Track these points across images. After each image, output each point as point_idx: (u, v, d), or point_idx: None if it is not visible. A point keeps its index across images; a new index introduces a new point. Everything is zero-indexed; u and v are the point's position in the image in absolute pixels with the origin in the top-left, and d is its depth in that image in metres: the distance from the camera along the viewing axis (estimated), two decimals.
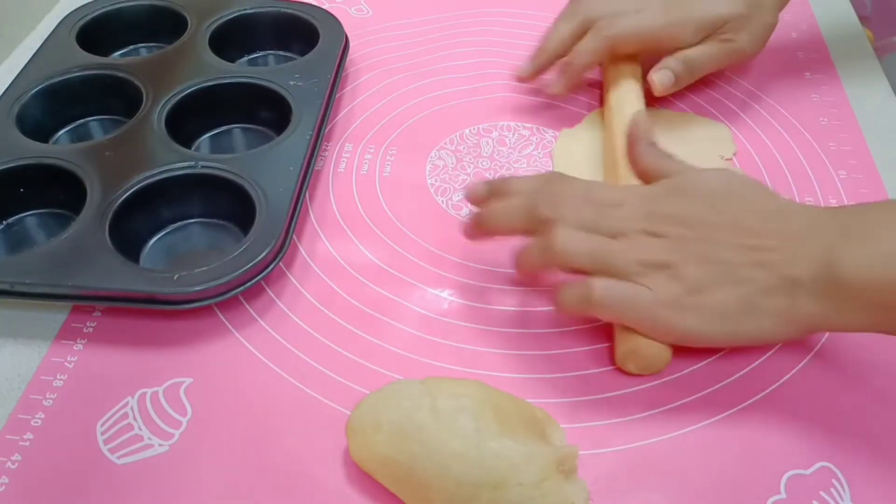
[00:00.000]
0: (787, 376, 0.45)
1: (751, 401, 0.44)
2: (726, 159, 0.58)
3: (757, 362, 0.46)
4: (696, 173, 0.46)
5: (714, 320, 0.42)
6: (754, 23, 0.59)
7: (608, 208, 0.45)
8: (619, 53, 0.60)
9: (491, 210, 0.48)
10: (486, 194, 0.48)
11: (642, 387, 0.45)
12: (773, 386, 0.45)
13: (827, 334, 0.47)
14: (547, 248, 0.44)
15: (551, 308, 0.48)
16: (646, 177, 0.48)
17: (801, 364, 0.45)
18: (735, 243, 0.42)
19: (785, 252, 0.41)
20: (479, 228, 0.49)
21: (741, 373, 0.45)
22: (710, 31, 0.58)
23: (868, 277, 0.39)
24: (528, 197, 0.46)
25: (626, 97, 0.58)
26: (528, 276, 0.50)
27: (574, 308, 0.44)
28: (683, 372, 0.45)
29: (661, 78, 0.59)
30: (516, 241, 0.47)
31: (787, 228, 0.42)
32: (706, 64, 0.60)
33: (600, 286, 0.43)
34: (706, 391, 0.44)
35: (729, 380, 0.45)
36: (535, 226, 0.46)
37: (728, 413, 0.43)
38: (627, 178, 0.50)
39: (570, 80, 0.60)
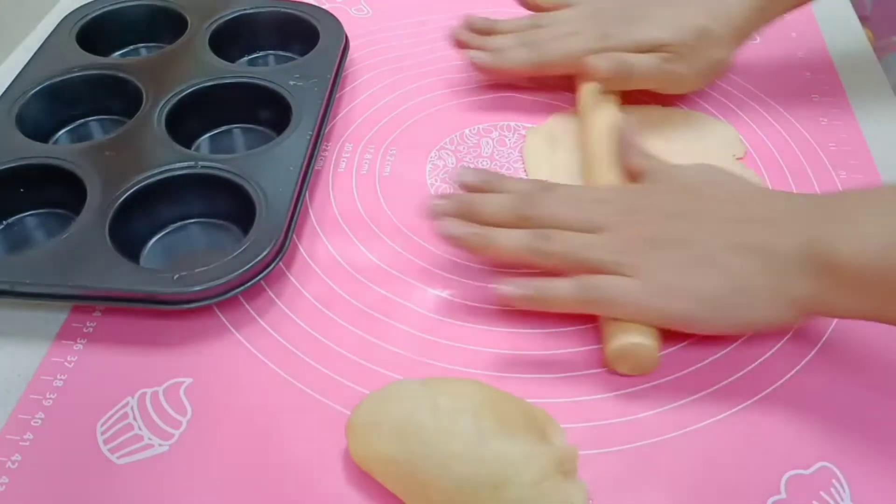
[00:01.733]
0: (787, 376, 0.45)
1: (751, 401, 0.44)
2: (738, 158, 0.58)
3: (757, 362, 0.45)
4: (677, 168, 0.49)
5: (707, 304, 0.43)
6: (698, 54, 0.57)
7: (593, 204, 0.47)
8: (550, 74, 0.61)
9: (483, 198, 0.49)
10: (480, 184, 0.50)
11: (642, 387, 0.45)
12: (773, 386, 0.45)
13: (827, 333, 0.47)
14: (541, 244, 0.45)
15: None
16: (632, 176, 0.50)
17: (801, 364, 0.45)
18: (718, 229, 0.44)
19: (768, 234, 0.43)
20: (459, 210, 0.48)
21: (741, 373, 0.45)
22: (647, 50, 0.57)
23: (858, 261, 0.39)
24: (520, 195, 0.48)
25: (600, 100, 0.58)
26: (487, 255, 0.49)
27: (562, 305, 0.45)
28: (683, 372, 0.45)
29: (598, 61, 0.57)
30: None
31: (768, 213, 0.44)
32: (642, 71, 0.57)
33: (587, 283, 0.44)
34: (706, 391, 0.44)
35: (729, 380, 0.45)
36: (520, 222, 0.47)
37: (728, 413, 0.43)
38: (605, 177, 0.51)
39: (489, 68, 0.62)
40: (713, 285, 0.43)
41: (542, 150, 0.59)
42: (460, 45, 0.64)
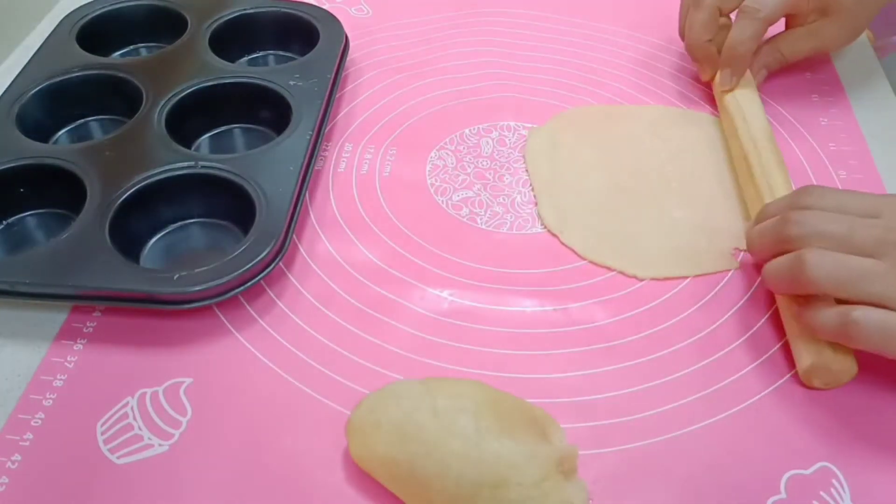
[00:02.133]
0: (788, 376, 0.45)
1: (751, 400, 0.44)
2: None
3: (757, 362, 0.46)
4: None
5: None
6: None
7: (862, 220, 0.42)
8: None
9: (749, 233, 0.47)
10: (753, 222, 0.48)
11: (642, 387, 0.45)
12: (773, 386, 0.45)
13: None
14: (795, 271, 0.42)
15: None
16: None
17: None
18: None
19: None
20: (752, 255, 0.48)
21: (741, 372, 0.45)
22: None
23: None
24: (780, 215, 0.44)
25: (745, 102, 0.58)
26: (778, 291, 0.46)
27: (826, 333, 0.42)
28: (684, 372, 0.45)
29: (759, 80, 0.61)
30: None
31: None
32: (797, 54, 0.62)
33: (861, 317, 0.39)
34: (706, 391, 0.44)
35: (729, 379, 0.45)
36: (784, 246, 0.43)
37: (728, 413, 0.43)
38: (773, 171, 0.51)
39: (739, 71, 0.59)
40: None
41: (543, 151, 0.59)
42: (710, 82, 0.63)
